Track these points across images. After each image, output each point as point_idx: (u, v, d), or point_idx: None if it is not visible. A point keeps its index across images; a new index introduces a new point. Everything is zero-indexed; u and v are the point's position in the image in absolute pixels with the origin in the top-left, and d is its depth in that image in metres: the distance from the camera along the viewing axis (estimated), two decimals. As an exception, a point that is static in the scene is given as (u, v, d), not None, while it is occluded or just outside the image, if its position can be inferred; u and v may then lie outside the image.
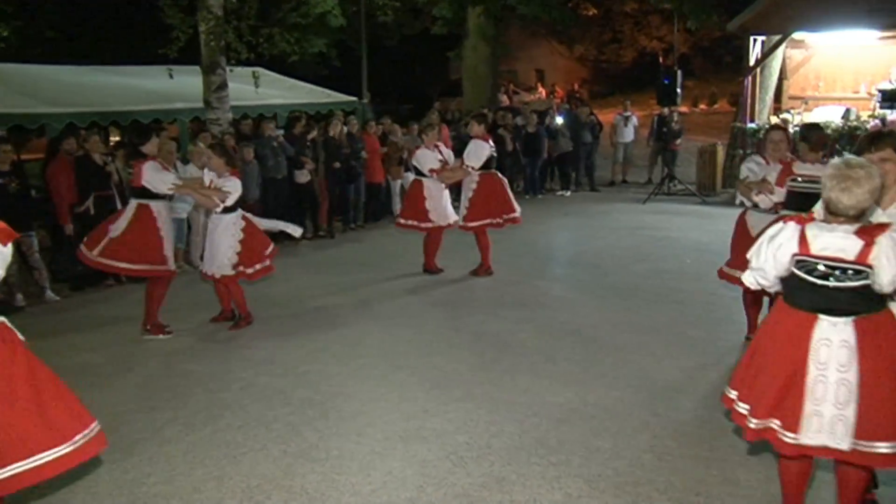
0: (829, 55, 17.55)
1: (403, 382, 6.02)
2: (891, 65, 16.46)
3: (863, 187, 3.36)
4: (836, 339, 3.41)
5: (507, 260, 9.87)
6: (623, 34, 35.66)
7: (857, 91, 17.05)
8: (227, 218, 7.30)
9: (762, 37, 15.87)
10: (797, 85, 17.95)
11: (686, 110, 26.76)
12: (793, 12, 14.92)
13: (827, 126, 14.57)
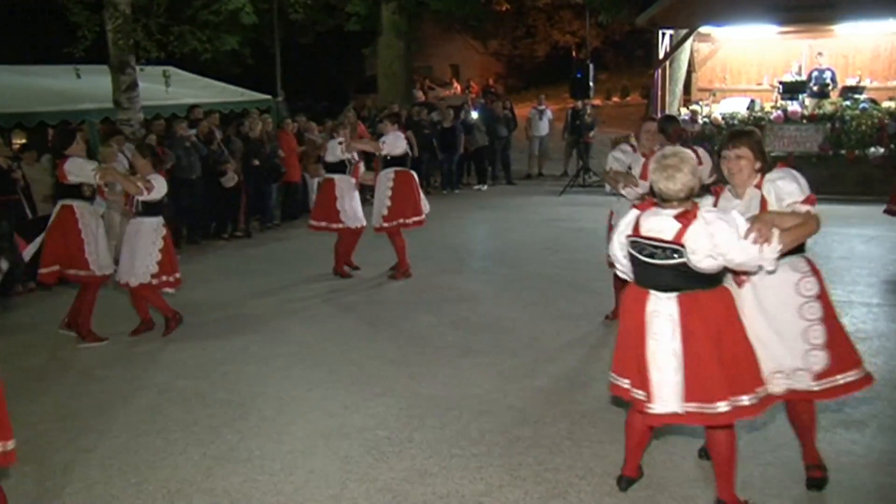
0: (735, 49, 18.10)
1: (323, 380, 6.04)
2: (791, 58, 17.10)
3: (682, 171, 3.71)
4: (664, 311, 3.76)
5: (424, 255, 9.94)
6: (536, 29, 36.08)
7: (760, 83, 17.62)
8: (148, 222, 7.08)
9: (670, 31, 16.30)
10: (705, 77, 18.45)
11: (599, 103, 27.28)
12: (698, 7, 15.38)
13: (734, 116, 15.11)
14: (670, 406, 3.75)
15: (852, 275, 8.62)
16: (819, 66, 16.35)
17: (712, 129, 15.15)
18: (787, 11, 14.86)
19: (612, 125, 21.86)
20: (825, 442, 4.70)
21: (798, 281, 4.00)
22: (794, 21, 15.40)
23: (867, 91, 15.95)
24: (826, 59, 16.57)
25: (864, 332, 6.67)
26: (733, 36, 17.58)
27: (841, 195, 13.99)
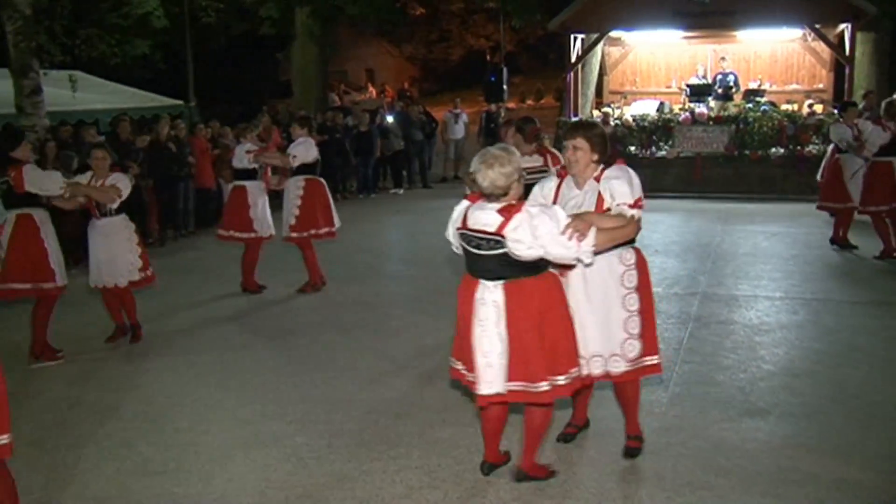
0: (644, 53, 18.57)
1: (239, 388, 5.96)
2: (697, 62, 17.65)
3: (494, 170, 3.92)
4: (489, 299, 4.00)
5: (341, 260, 9.91)
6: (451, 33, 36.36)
7: (669, 86, 18.12)
8: (118, 221, 6.85)
9: (582, 35, 16.60)
10: (616, 80, 18.87)
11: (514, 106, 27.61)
12: (608, 12, 15.70)
13: (644, 118, 15.48)
14: (495, 387, 4.01)
15: (757, 270, 8.94)
16: (723, 70, 16.93)
17: (624, 130, 15.50)
18: (692, 17, 15.34)
19: (527, 128, 22.11)
20: (731, 431, 4.88)
21: (623, 273, 4.31)
22: (699, 27, 15.90)
23: (767, 94, 16.60)
24: (729, 63, 17.17)
25: (768, 325, 6.93)
26: (643, 40, 18.03)
27: (746, 193, 14.50)
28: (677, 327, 6.92)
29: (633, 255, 4.35)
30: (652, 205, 13.56)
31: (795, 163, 14.68)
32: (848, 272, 8.83)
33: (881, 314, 7.23)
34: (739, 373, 5.87)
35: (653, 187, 15.19)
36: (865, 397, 5.37)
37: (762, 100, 15.99)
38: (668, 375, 5.78)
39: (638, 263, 4.37)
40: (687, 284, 8.35)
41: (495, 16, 26.86)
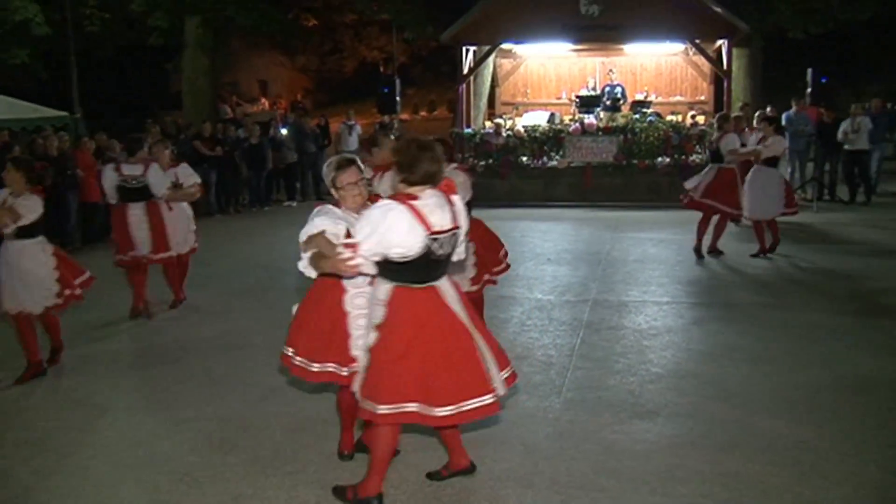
0: (535, 65, 18.97)
1: (129, 407, 5.77)
2: (586, 74, 18.15)
3: None
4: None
5: (234, 275, 9.75)
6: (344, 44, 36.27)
7: (559, 97, 18.56)
8: (30, 243, 6.36)
9: (474, 47, 16.82)
10: (508, 92, 19.19)
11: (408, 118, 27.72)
12: (499, 25, 15.97)
13: (535, 129, 15.80)
14: None
15: (645, 276, 9.22)
16: (611, 82, 17.49)
17: (515, 141, 15.79)
18: (581, 31, 15.79)
19: (422, 139, 22.23)
20: (622, 433, 5.01)
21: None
22: (588, 40, 16.38)
23: (653, 106, 17.21)
24: (617, 75, 17.77)
25: (656, 329, 7.16)
26: (533, 53, 18.42)
27: (634, 202, 14.95)
28: (569, 334, 7.07)
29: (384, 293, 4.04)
30: (543, 214, 14.01)
31: (680, 171, 15.19)
32: (729, 276, 9.20)
33: (759, 315, 7.57)
34: (629, 376, 6.03)
35: (545, 197, 15.58)
36: (745, 394, 5.61)
37: (648, 111, 16.59)
38: (560, 381, 5.91)
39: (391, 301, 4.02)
40: (578, 292, 8.54)
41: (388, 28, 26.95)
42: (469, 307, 4.14)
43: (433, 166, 3.90)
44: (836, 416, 5.21)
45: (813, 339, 6.85)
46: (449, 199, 4.00)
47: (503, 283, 8.93)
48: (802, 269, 9.48)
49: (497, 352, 4.14)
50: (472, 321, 4.07)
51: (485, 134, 16.15)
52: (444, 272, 4.06)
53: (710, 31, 15.76)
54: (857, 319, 7.43)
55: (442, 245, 3.93)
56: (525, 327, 7.30)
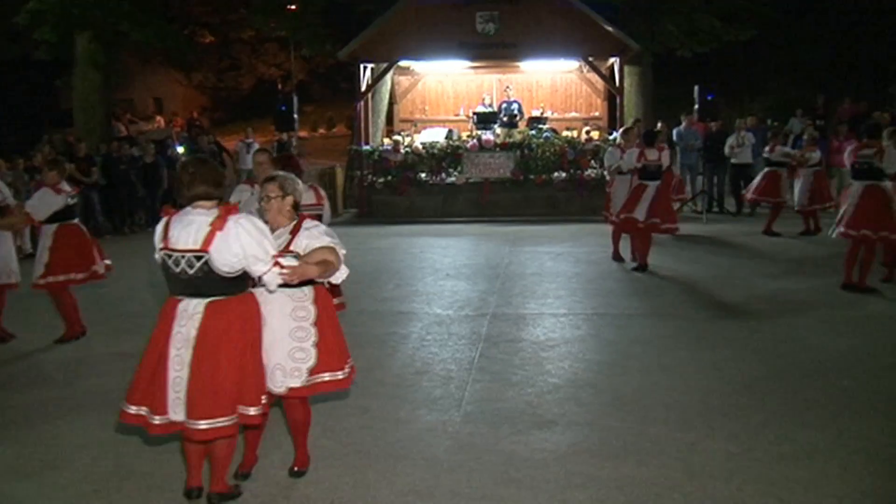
0: (433, 82, 19.12)
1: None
2: (483, 91, 18.38)
3: None
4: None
5: (125, 299, 9.46)
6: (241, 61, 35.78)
7: (457, 114, 18.74)
8: None
9: (371, 64, 16.85)
10: (406, 109, 19.28)
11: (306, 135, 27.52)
12: (397, 43, 16.07)
13: (433, 145, 15.91)
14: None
15: (543, 289, 9.37)
16: (508, 99, 17.76)
17: (414, 157, 15.87)
18: (478, 49, 16.04)
19: (320, 156, 22.13)
20: (521, 443, 5.07)
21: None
22: (484, 58, 16.63)
23: (549, 122, 17.55)
24: (513, 92, 18.03)
25: (554, 341, 7.28)
26: (431, 70, 18.57)
27: (532, 216, 15.21)
28: (468, 348, 7.11)
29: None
30: (443, 230, 14.09)
31: (576, 186, 15.59)
32: (624, 287, 9.43)
33: (653, 324, 7.78)
34: (528, 387, 6.11)
35: (443, 212, 15.69)
36: (640, 402, 5.76)
37: (544, 127, 16.91)
38: (460, 395, 5.94)
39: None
40: (477, 306, 8.62)
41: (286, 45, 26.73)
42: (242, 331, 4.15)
43: (200, 188, 4.11)
44: (724, 418, 5.40)
45: (704, 346, 7.08)
46: (219, 221, 4.06)
47: (402, 299, 9.00)
48: (693, 279, 9.80)
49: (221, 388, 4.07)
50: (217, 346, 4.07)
51: (383, 151, 16.19)
52: (195, 291, 4.09)
53: (603, 50, 16.23)
54: (745, 324, 7.73)
55: (177, 263, 4.05)
56: (424, 342, 7.31)
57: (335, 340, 4.52)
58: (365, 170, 16.22)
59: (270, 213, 4.43)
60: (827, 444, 4.98)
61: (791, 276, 9.84)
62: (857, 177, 9.00)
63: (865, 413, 5.47)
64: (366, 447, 5.05)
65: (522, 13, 15.67)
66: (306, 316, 4.41)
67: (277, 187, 4.42)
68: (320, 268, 4.19)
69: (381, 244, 12.85)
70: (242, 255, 4.01)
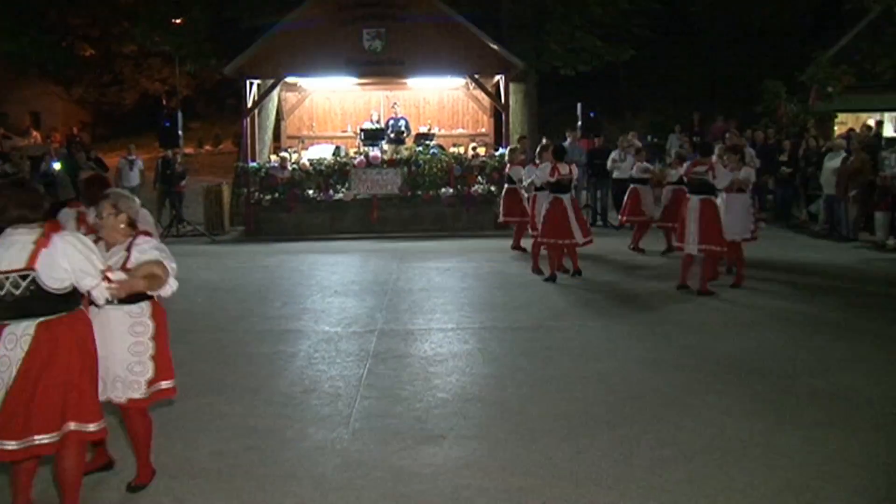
0: (320, 98, 18.99)
1: None
2: (371, 107, 18.36)
3: None
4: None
5: None
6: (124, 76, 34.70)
7: (345, 130, 18.66)
8: None
9: (258, 80, 16.59)
10: (294, 125, 19.07)
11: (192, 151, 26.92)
12: (283, 59, 15.86)
13: (321, 162, 15.77)
14: None
15: (431, 304, 9.38)
16: (395, 115, 17.78)
17: (301, 174, 15.69)
18: (365, 66, 16.00)
19: (206, 174, 21.66)
20: (410, 459, 5.04)
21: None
22: (371, 74, 16.58)
23: (436, 138, 17.66)
24: (401, 108, 18.07)
25: (441, 356, 7.28)
26: (318, 86, 18.43)
27: (420, 232, 15.26)
28: (357, 364, 7.04)
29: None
30: (331, 247, 14.00)
31: (464, 202, 15.72)
32: (511, 301, 9.53)
33: (539, 337, 7.89)
34: (416, 403, 6.09)
35: (332, 229, 15.59)
36: (527, 413, 5.82)
37: (431, 143, 16.98)
38: (348, 412, 5.87)
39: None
40: (365, 322, 8.56)
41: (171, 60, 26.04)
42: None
43: (14, 212, 4.02)
44: (608, 426, 5.51)
45: (589, 356, 7.22)
46: (44, 238, 4.01)
47: (290, 317, 8.87)
48: (578, 291, 10.01)
49: None
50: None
51: (270, 167, 15.94)
52: (23, 313, 4.00)
53: (489, 67, 16.43)
54: (633, 331, 7.95)
55: (2, 285, 3.96)
56: (312, 360, 7.20)
57: (168, 352, 4.66)
58: (252, 187, 15.93)
59: (105, 230, 4.50)
60: (704, 446, 5.15)
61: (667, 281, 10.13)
62: (693, 191, 9.83)
63: (740, 414, 5.69)
64: (253, 468, 4.93)
65: (409, 31, 15.74)
66: (144, 331, 4.50)
67: (111, 205, 4.49)
68: (147, 281, 4.28)
69: (268, 262, 12.64)
70: (70, 269, 3.99)
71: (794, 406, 5.93)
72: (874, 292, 10.16)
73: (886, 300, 9.76)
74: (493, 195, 15.57)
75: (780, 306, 9.15)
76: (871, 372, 6.75)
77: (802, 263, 11.95)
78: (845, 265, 11.87)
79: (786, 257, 12.44)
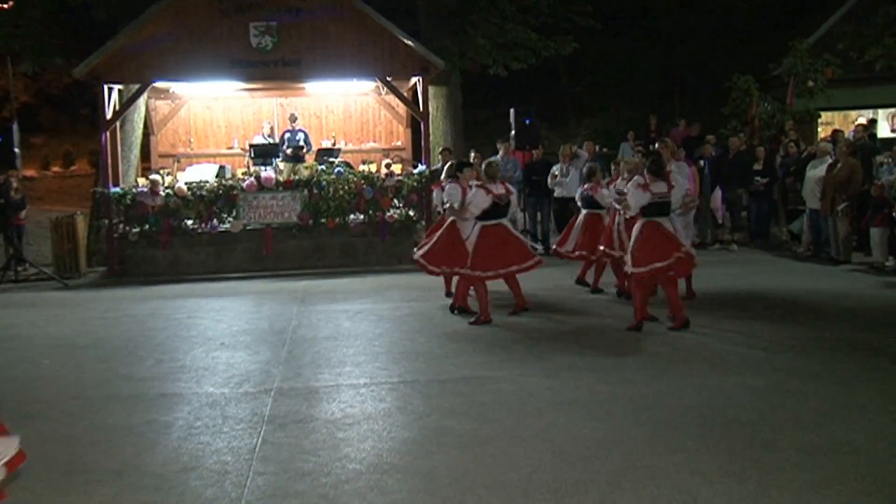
0: (200, 108, 18.98)
1: None
2: (262, 118, 18.40)
3: None
4: None
5: None
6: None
7: (231, 146, 18.67)
8: None
9: (119, 85, 16.43)
10: (167, 141, 18.99)
11: (35, 174, 26.42)
12: (150, 59, 15.77)
13: (202, 186, 15.67)
14: None
15: (339, 355, 9.39)
16: (292, 128, 17.84)
17: (177, 201, 15.55)
18: (253, 67, 16.01)
19: (53, 202, 21.27)
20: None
21: None
22: (261, 77, 16.61)
23: (342, 154, 17.78)
24: (299, 119, 18.12)
25: (352, 417, 7.29)
26: (197, 93, 18.39)
27: (325, 268, 15.30)
28: (248, 433, 6.99)
29: None
30: (216, 289, 13.93)
31: (377, 230, 15.79)
32: (436, 349, 9.59)
33: (470, 391, 7.95)
34: (322, 477, 6.08)
35: (217, 268, 15.50)
36: (457, 484, 5.85)
37: (336, 160, 17.06)
38: (238, 493, 5.83)
39: None
40: (259, 380, 8.51)
41: (2, 58, 25.55)
42: None
43: None
44: (555, 497, 5.56)
45: (530, 411, 7.29)
46: None
47: (165, 377, 8.78)
48: (516, 333, 10.13)
49: None
50: None
51: (138, 193, 15.77)
52: None
53: (403, 68, 16.62)
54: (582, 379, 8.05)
55: None
56: (193, 430, 7.12)
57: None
58: (115, 218, 15.72)
59: None
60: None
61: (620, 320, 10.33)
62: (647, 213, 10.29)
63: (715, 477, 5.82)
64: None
65: (305, 25, 15.85)
66: None
67: None
68: None
69: (137, 310, 12.49)
70: None
71: (780, 465, 6.05)
72: (872, 324, 10.48)
73: (887, 334, 10.03)
74: (411, 221, 15.69)
75: (759, 344, 9.41)
76: (871, 422, 6.89)
77: (784, 292, 12.34)
78: (836, 293, 12.28)
79: (764, 285, 12.81)
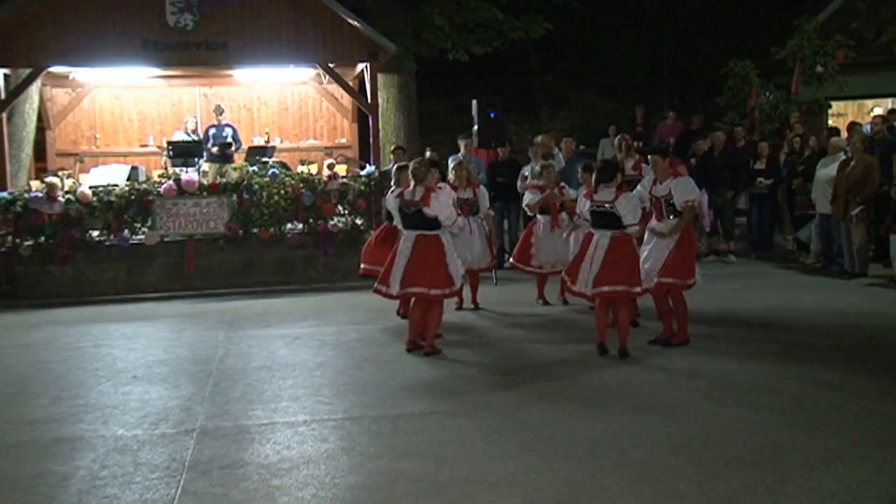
0: (107, 98, 18.85)
1: None
2: (183, 111, 18.27)
3: None
4: None
5: None
6: None
7: (145, 144, 18.56)
8: None
9: (5, 70, 16.17)
10: (67, 137, 18.81)
11: None
12: (44, 40, 15.59)
13: (110, 190, 15.47)
14: None
15: (274, 388, 9.29)
16: (218, 123, 17.70)
17: (80, 208, 15.33)
18: (171, 50, 15.88)
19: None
20: None
21: None
22: (180, 63, 16.49)
23: (277, 153, 17.67)
24: (226, 113, 17.98)
25: (290, 461, 7.18)
26: (103, 80, 18.22)
27: (257, 286, 15.20)
28: (165, 482, 6.86)
29: None
30: (128, 312, 13.84)
31: (319, 242, 15.68)
32: (388, 378, 9.52)
33: (427, 427, 7.87)
34: (253, 533, 6.00)
35: (128, 287, 15.34)
36: (413, 540, 5.79)
37: (271, 160, 16.95)
38: (152, 552, 5.73)
39: None
40: (179, 420, 8.39)
41: None
42: None
43: None
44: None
45: (496, 452, 7.21)
46: None
47: (64, 418, 8.64)
48: (481, 359, 10.10)
49: None
50: None
51: (31, 199, 15.52)
52: None
53: (348, 52, 16.58)
54: (557, 413, 8.03)
55: None
56: (98, 482, 6.97)
57: None
58: (2, 229, 15.49)
59: None
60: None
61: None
62: None
63: None
64: None
65: (233, 1, 15.72)
66: None
67: None
68: None
69: (29, 339, 12.33)
70: None
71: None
72: (892, 349, 10.50)
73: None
74: (358, 231, 15.60)
75: (762, 372, 9.43)
76: (890, 462, 6.92)
77: (790, 310, 12.41)
78: (849, 310, 12.38)
79: (767, 303, 12.88)
